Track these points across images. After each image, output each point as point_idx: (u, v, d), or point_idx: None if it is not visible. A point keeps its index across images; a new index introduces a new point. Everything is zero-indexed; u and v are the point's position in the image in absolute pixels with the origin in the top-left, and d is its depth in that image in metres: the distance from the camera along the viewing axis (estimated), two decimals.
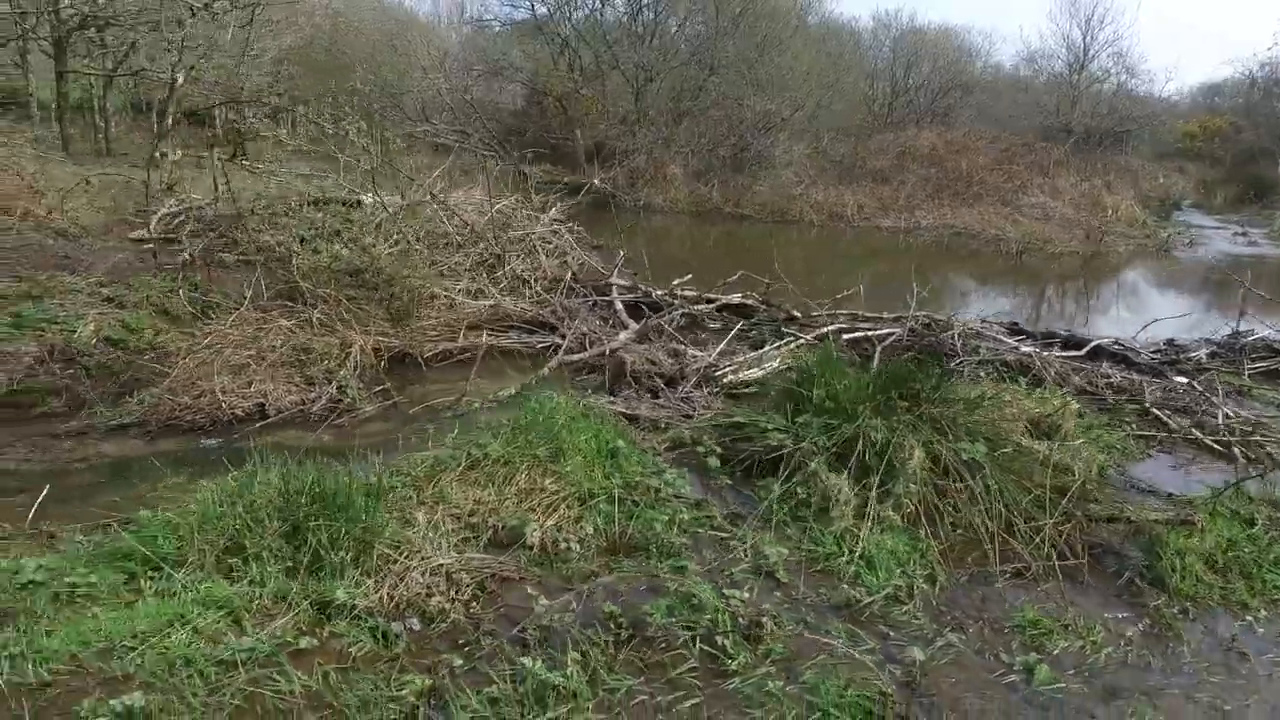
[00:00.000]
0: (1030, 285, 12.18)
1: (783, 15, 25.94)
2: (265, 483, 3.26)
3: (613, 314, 7.34)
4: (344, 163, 10.23)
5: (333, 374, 5.65)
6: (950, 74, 35.75)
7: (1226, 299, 10.23)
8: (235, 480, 3.37)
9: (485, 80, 27.67)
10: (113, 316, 8.61)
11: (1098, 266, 14.36)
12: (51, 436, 5.15)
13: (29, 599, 2.99)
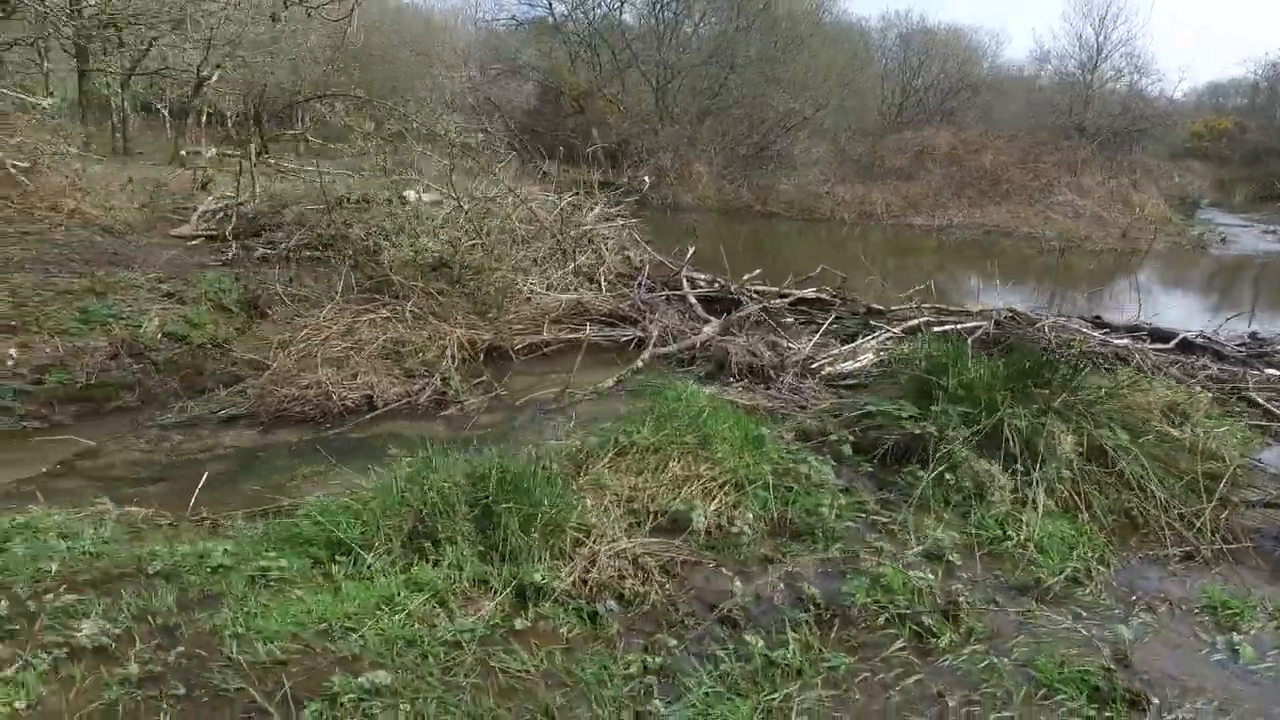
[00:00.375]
0: (1081, 282, 12.28)
1: (802, 15, 26.10)
2: (442, 468, 3.30)
3: (687, 308, 7.39)
4: (381, 161, 10.27)
5: (432, 366, 5.69)
6: (959, 74, 35.99)
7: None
8: (411, 466, 3.40)
9: (500, 79, 27.75)
10: (174, 312, 8.67)
11: (1138, 263, 14.47)
12: (162, 428, 5.18)
13: (224, 582, 3.04)
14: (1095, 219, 17.18)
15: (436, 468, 3.28)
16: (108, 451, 4.78)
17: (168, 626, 2.77)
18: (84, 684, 2.46)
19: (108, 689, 2.43)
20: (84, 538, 3.32)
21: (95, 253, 9.83)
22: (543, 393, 5.63)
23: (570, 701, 2.49)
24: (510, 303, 6.44)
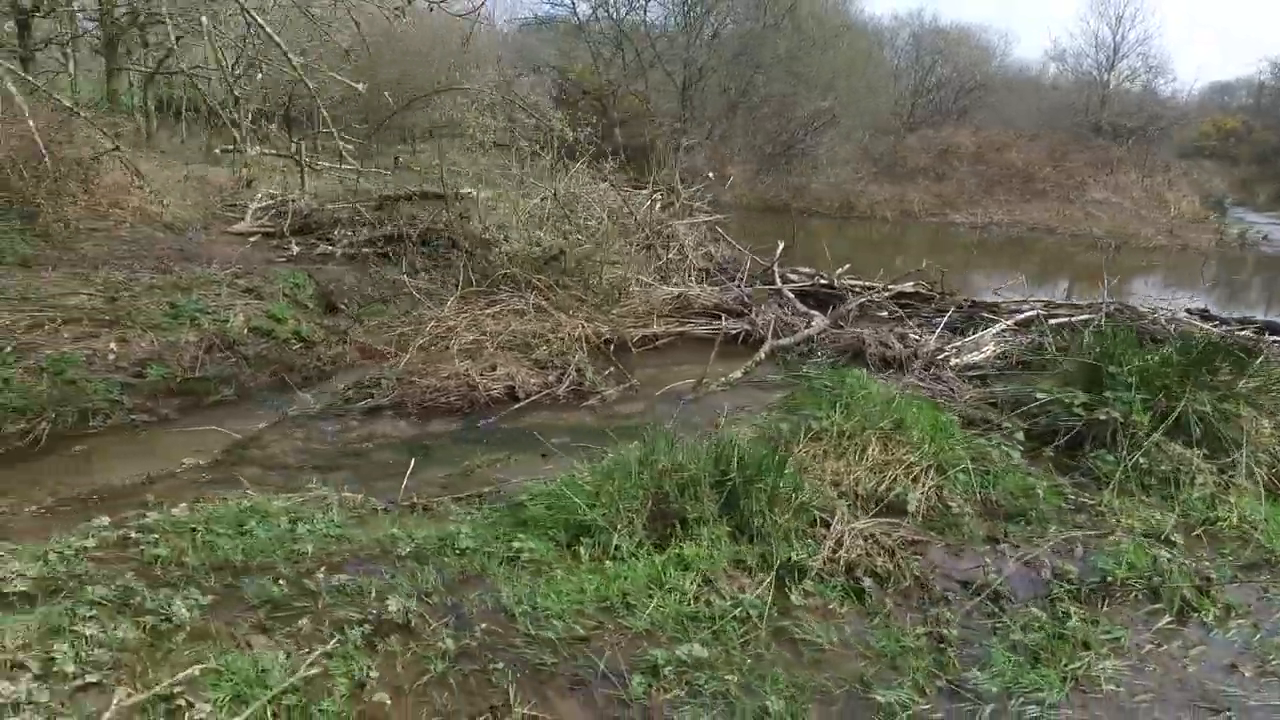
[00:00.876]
0: (1150, 276, 12.43)
1: (828, 13, 26.29)
2: (686, 451, 3.37)
3: (786, 302, 7.47)
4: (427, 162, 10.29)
5: (560, 358, 5.76)
6: (972, 74, 36.25)
7: None
8: (640, 450, 3.47)
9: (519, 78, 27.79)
10: (256, 308, 8.72)
11: (1194, 259, 14.64)
12: (309, 418, 5.23)
13: (478, 564, 3.10)
14: (1135, 217, 17.36)
15: (677, 451, 3.34)
16: (267, 442, 4.84)
17: (446, 605, 2.84)
18: (405, 658, 2.52)
19: (431, 663, 2.49)
20: (317, 521, 3.38)
21: (164, 249, 9.86)
22: (676, 384, 5.70)
23: (879, 671, 2.57)
24: (624, 296, 6.51)
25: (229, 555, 3.09)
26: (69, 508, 4.87)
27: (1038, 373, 5.06)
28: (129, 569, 3.03)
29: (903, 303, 7.45)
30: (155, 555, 3.10)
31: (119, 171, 12.13)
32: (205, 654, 2.47)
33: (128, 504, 4.70)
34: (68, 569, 3.03)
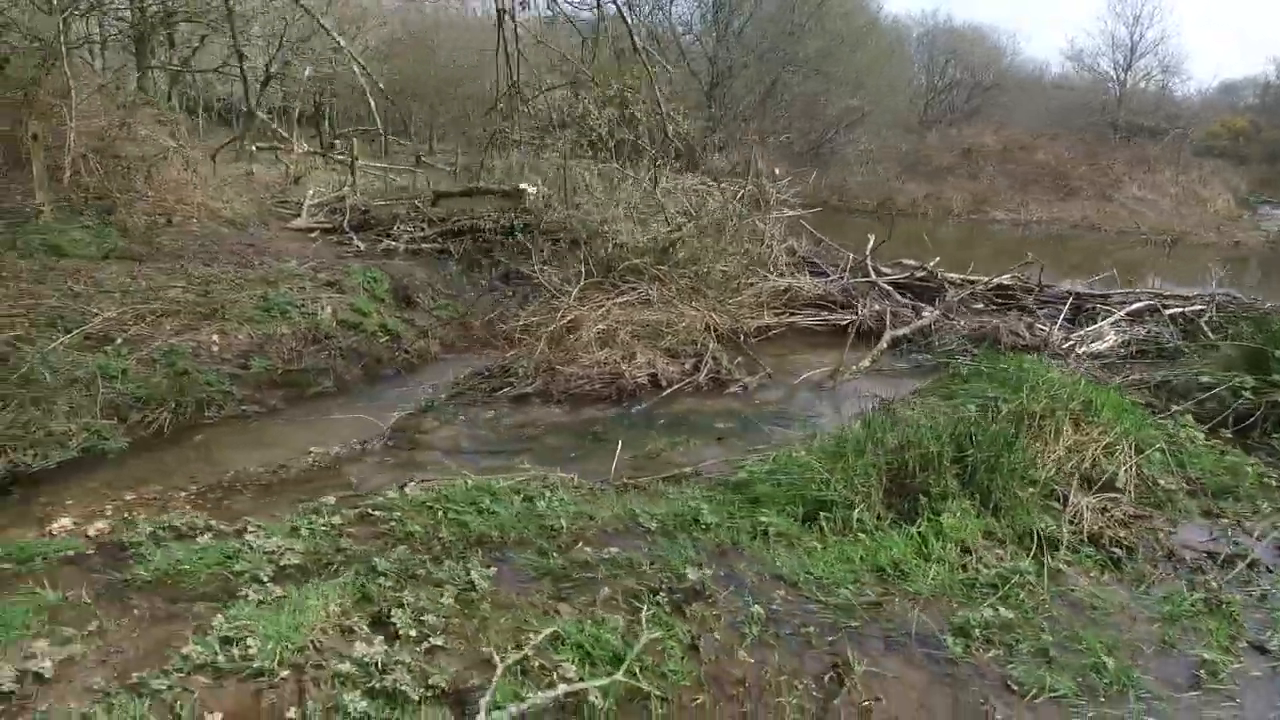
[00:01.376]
0: (1220, 270, 12.54)
1: (855, 11, 26.49)
2: (927, 428, 3.47)
3: (885, 294, 7.58)
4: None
5: (693, 348, 5.85)
6: (985, 73, 36.50)
7: None
8: (869, 428, 3.57)
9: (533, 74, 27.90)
10: (342, 301, 8.81)
11: (1245, 254, 14.83)
12: (469, 405, 5.31)
13: (727, 537, 3.20)
14: (1174, 214, 17.59)
15: (915, 427, 3.44)
16: (428, 428, 4.91)
17: (721, 575, 2.92)
18: (718, 622, 2.61)
19: (746, 626, 2.58)
20: (550, 499, 3.47)
21: (235, 244, 9.92)
22: (812, 373, 5.80)
23: (1175, 632, 2.67)
24: (740, 287, 6.61)
25: (483, 530, 3.18)
26: (217, 493, 4.96)
27: (1167, 360, 5.18)
28: (389, 543, 3.11)
29: (1000, 295, 7.57)
30: (409, 531, 3.18)
31: (176, 169, 12.18)
32: (528, 620, 2.56)
33: (278, 488, 4.83)
34: (330, 544, 3.11)
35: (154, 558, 2.97)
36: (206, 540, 3.16)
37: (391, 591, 2.69)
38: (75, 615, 2.64)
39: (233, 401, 6.62)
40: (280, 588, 2.76)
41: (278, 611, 2.53)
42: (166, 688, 2.24)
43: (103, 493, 5.16)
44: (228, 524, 3.35)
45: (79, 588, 2.82)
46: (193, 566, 2.90)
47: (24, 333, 6.29)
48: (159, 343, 6.79)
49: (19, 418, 5.40)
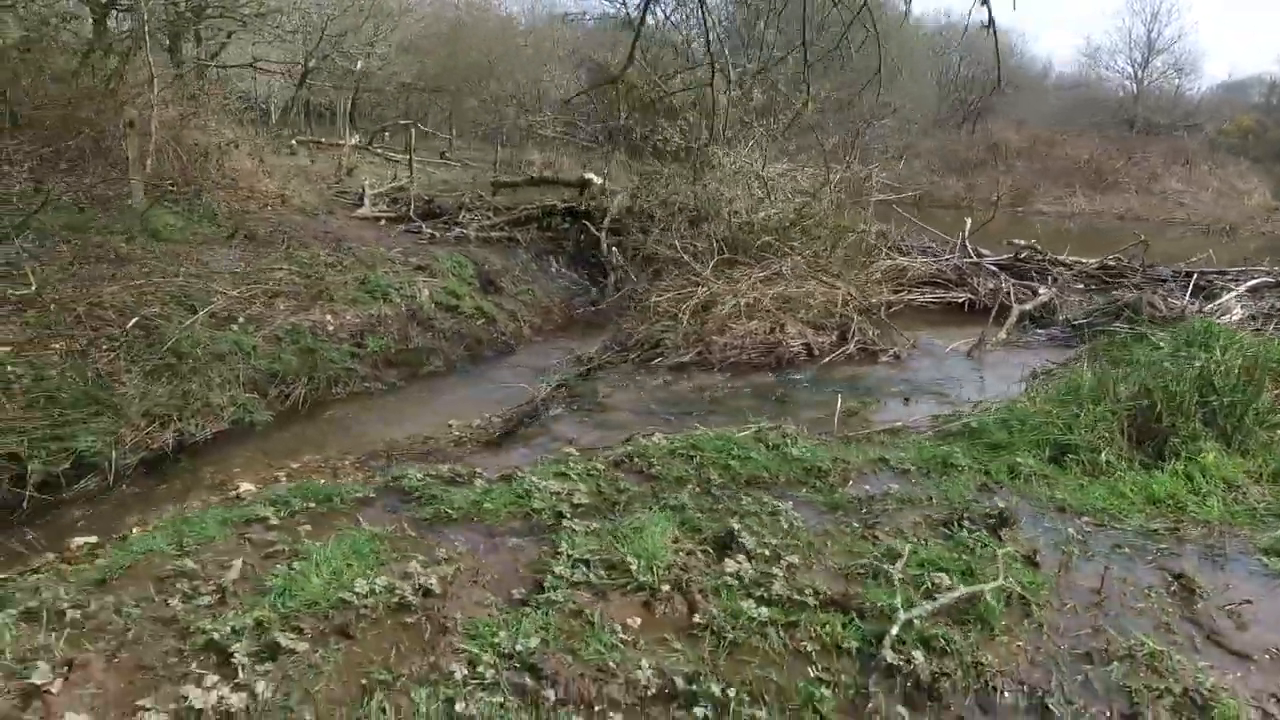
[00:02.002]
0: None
1: (885, 9, 26.78)
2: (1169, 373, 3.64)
3: (991, 272, 7.77)
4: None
5: (833, 320, 6.02)
6: (1003, 71, 36.80)
7: None
8: (1100, 378, 3.73)
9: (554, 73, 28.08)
10: (435, 285, 8.97)
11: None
12: (626, 375, 5.46)
13: (983, 477, 3.35)
14: (1215, 206, 17.92)
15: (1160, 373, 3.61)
16: (605, 393, 5.05)
17: None
18: (1037, 542, 2.77)
19: (1066, 545, 2.74)
20: (793, 446, 3.61)
21: (315, 231, 10.02)
22: (956, 343, 5.98)
23: None
24: (869, 262, 6.79)
25: (751, 472, 3.33)
26: (380, 460, 5.14)
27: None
28: (664, 485, 3.26)
29: (1108, 275, 7.77)
30: (676, 475, 3.32)
31: (244, 158, 12.29)
32: (853, 544, 2.71)
33: (435, 456, 4.98)
34: (609, 486, 3.25)
35: (450, 498, 3.10)
36: (481, 484, 3.29)
37: (710, 522, 2.84)
38: (407, 544, 2.77)
39: (356, 378, 6.78)
40: (594, 521, 2.91)
41: (622, 540, 2.67)
42: (551, 601, 2.38)
43: (264, 461, 5.31)
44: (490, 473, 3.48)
45: (386, 524, 2.95)
46: (493, 505, 3.04)
47: (160, 310, 6.41)
48: (279, 322, 6.92)
49: (178, 389, 5.53)
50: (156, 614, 2.31)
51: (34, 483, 4.53)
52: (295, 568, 2.47)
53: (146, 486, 4.90)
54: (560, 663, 2.06)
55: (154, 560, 2.65)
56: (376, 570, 2.49)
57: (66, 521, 4.49)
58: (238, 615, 2.25)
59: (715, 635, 2.19)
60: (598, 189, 12.51)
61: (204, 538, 2.75)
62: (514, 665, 2.07)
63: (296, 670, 2.05)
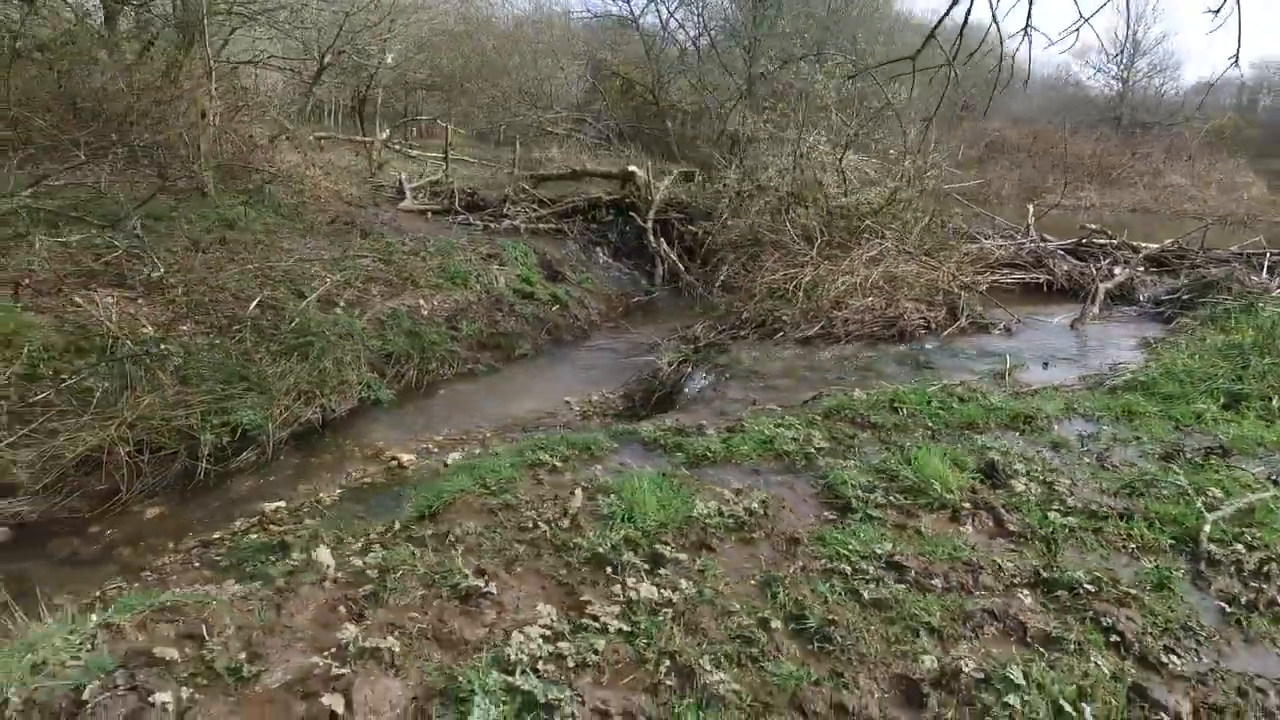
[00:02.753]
0: None
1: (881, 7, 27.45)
2: None
3: (1060, 255, 8.20)
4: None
5: (937, 297, 6.37)
6: (987, 69, 37.80)
7: None
8: (1261, 333, 4.12)
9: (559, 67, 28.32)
10: (507, 272, 9.25)
11: None
12: (762, 340, 5.75)
13: (1176, 419, 3.71)
14: (1221, 200, 18.78)
15: None
16: (746, 361, 5.33)
17: None
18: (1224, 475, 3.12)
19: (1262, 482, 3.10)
20: (987, 399, 3.94)
21: (375, 222, 10.19)
22: (1059, 318, 6.37)
23: None
24: (959, 245, 7.18)
25: (964, 419, 3.65)
26: (515, 432, 5.43)
27: None
28: (884, 431, 3.56)
29: (1169, 258, 8.25)
30: (895, 423, 3.64)
31: (292, 152, 12.41)
32: (1104, 478, 3.04)
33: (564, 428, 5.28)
34: (840, 432, 3.55)
35: (694, 446, 3.37)
36: (714, 434, 3.56)
37: (965, 455, 3.15)
38: (687, 481, 3.04)
39: (458, 360, 7.03)
40: (847, 459, 3.20)
41: (900, 468, 2.98)
42: (869, 517, 2.67)
43: (404, 434, 5.54)
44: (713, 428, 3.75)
45: (648, 465, 3.22)
46: (746, 449, 3.32)
47: (272, 294, 6.59)
48: (378, 306, 7.13)
49: (314, 368, 5.73)
50: (521, 537, 2.55)
51: (204, 454, 4.72)
52: (619, 498, 2.73)
53: (300, 458, 5.10)
54: (923, 560, 2.36)
55: (469, 499, 2.88)
56: (689, 499, 2.76)
57: (241, 490, 4.68)
58: (603, 534, 2.50)
59: (1038, 540, 2.50)
60: (642, 181, 12.80)
61: (505, 479, 2.99)
62: (880, 564, 2.36)
63: (686, 573, 2.32)
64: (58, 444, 4.38)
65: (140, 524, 4.24)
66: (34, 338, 4.82)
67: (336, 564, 2.34)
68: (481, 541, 2.50)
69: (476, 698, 1.73)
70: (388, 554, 2.39)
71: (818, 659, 1.95)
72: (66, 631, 2.06)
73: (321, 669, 1.89)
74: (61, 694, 1.78)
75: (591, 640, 1.96)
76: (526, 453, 3.27)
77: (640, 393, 6.14)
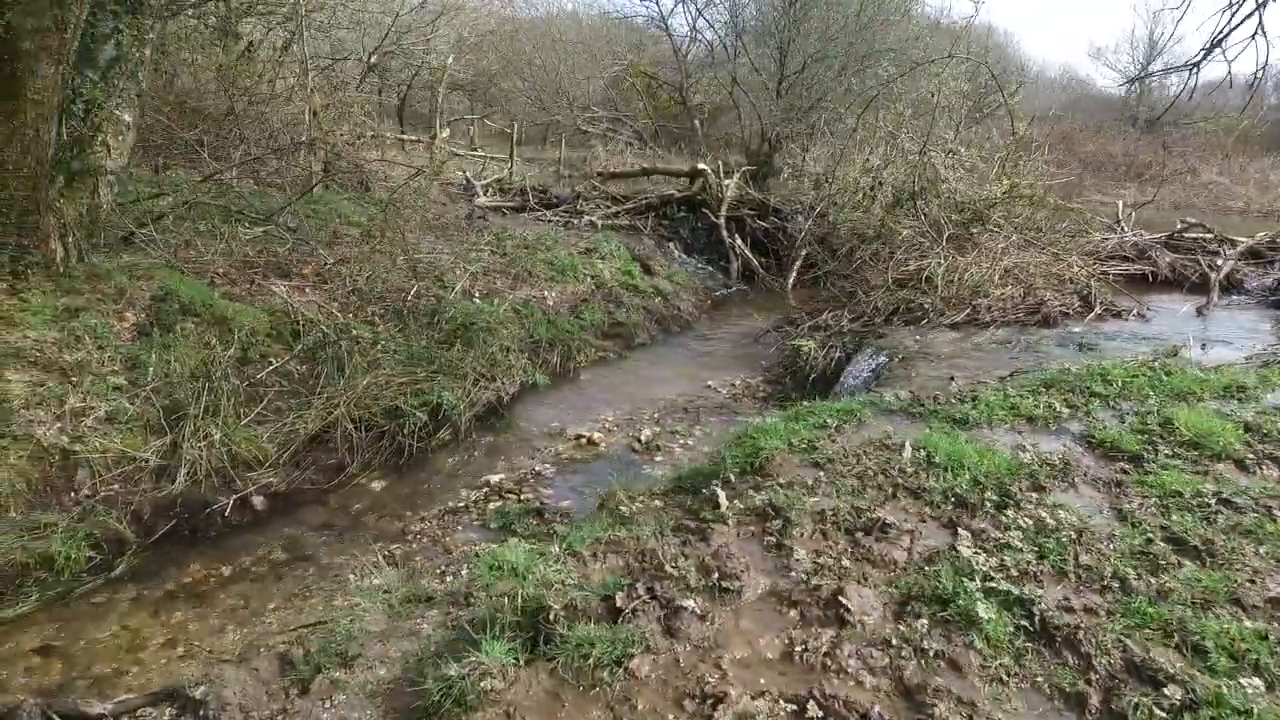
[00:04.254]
0: None
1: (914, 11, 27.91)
2: None
3: (1161, 249, 8.59)
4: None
5: (1069, 286, 6.74)
6: (1005, 70, 38.45)
7: None
8: None
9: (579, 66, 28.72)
10: (611, 266, 9.62)
11: None
12: (908, 326, 6.10)
13: None
14: (1261, 196, 19.27)
15: None
16: (912, 344, 5.67)
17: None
18: None
19: None
20: (1175, 376, 4.30)
21: (456, 217, 10.52)
22: (1183, 306, 6.76)
23: None
24: (1078, 236, 7.59)
25: (1177, 387, 4.01)
26: (676, 414, 5.81)
27: None
28: (1108, 396, 3.92)
29: (1266, 250, 8.65)
30: (1103, 391, 3.99)
31: (371, 149, 12.74)
32: None
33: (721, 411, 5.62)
34: (1074, 398, 3.90)
35: (960, 411, 3.72)
36: (956, 403, 3.91)
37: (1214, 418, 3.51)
38: (967, 436, 3.38)
39: (591, 348, 7.39)
40: (1099, 421, 3.56)
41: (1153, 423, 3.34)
42: (1164, 467, 3.03)
43: (568, 416, 5.88)
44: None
45: (914, 428, 3.57)
46: (998, 414, 3.67)
47: (425, 284, 6.93)
48: (510, 297, 7.48)
49: (483, 353, 6.08)
50: (870, 483, 2.89)
51: (413, 432, 5.06)
52: (939, 449, 3.07)
53: (486, 436, 5.44)
54: (1250, 497, 2.72)
55: (784, 456, 3.20)
56: (991, 453, 3.11)
57: (445, 465, 5.01)
58: (944, 478, 2.85)
59: None
60: (712, 178, 13.20)
61: (804, 439, 3.32)
62: (1213, 499, 2.71)
63: (1042, 507, 2.67)
64: (289, 421, 4.71)
65: (372, 495, 4.58)
66: (242, 323, 5.15)
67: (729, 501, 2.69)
68: (837, 487, 2.85)
69: (963, 597, 2.08)
70: (772, 495, 2.73)
71: (1210, 571, 2.30)
72: (537, 558, 2.39)
73: (796, 582, 2.23)
74: (595, 601, 2.11)
75: (1015, 556, 2.31)
76: (804, 417, 3.60)
77: (786, 376, 6.50)
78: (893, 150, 8.41)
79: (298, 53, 10.56)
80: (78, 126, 4.56)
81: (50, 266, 4.50)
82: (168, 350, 4.59)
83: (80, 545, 3.57)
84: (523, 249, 8.86)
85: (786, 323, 8.26)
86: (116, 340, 4.50)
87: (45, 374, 4.16)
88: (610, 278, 9.09)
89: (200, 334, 4.90)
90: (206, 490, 4.13)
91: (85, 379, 4.20)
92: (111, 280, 4.80)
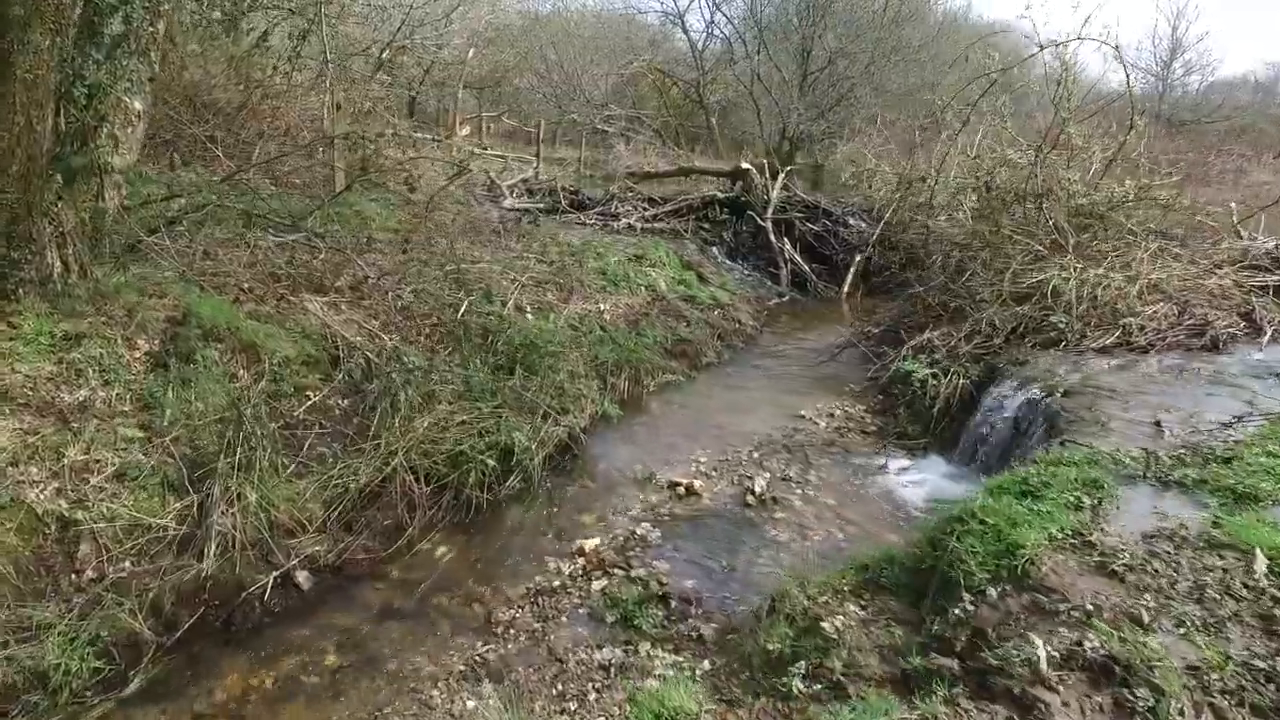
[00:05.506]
0: None
1: None
2: None
3: None
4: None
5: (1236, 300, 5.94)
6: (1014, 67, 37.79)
7: None
8: None
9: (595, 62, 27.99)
10: (664, 274, 8.82)
11: None
12: (1044, 349, 5.30)
13: None
14: None
15: None
16: (1045, 365, 4.88)
17: None
18: None
19: None
20: None
21: (485, 220, 9.73)
22: None
23: None
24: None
25: None
26: (777, 451, 5.06)
27: None
28: None
29: None
30: None
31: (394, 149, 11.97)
32: None
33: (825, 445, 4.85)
34: None
35: (1242, 482, 2.91)
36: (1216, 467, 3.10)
37: None
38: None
39: (658, 370, 6.56)
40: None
41: None
42: None
43: (649, 456, 5.04)
44: None
45: None
46: None
47: (466, 297, 6.11)
48: (564, 311, 6.65)
49: (547, 382, 5.24)
50: (1217, 611, 2.07)
51: (480, 483, 4.23)
52: None
53: (561, 483, 4.59)
54: None
55: (1058, 560, 2.35)
56: None
57: (517, 521, 4.15)
58: None
59: None
60: (756, 179, 12.40)
61: (1067, 528, 2.49)
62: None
63: None
64: (335, 472, 3.87)
65: (439, 566, 3.73)
66: (273, 349, 4.32)
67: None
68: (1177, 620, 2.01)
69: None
70: (1100, 638, 1.90)
71: None
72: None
73: None
74: None
75: None
76: (1034, 492, 2.76)
77: (898, 405, 5.66)
78: (997, 148, 7.58)
79: (316, 44, 9.75)
80: (79, 115, 3.73)
81: (46, 284, 3.67)
82: (188, 386, 3.76)
83: (84, 653, 2.75)
84: (569, 256, 8.05)
85: (862, 337, 7.42)
86: (127, 374, 3.67)
87: (39, 419, 3.33)
88: (666, 288, 8.28)
89: (225, 363, 4.08)
90: (241, 566, 3.29)
91: (89, 425, 3.37)
92: (119, 299, 3.97)
